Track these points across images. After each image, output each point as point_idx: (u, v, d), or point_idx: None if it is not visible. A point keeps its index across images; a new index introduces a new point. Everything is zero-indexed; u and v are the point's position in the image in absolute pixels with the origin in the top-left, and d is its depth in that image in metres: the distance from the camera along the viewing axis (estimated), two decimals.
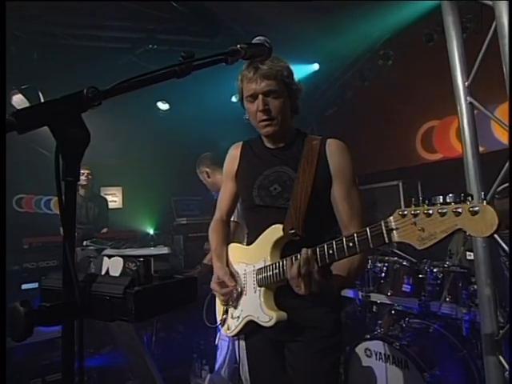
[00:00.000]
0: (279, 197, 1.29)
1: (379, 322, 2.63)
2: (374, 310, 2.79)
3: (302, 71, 4.23)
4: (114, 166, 5.30)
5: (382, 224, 0.86)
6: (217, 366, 2.49)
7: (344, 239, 0.97)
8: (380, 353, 2.32)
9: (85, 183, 4.03)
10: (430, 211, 0.75)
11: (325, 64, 4.35)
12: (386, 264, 2.68)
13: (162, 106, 4.76)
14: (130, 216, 5.51)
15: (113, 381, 2.91)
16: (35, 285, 2.92)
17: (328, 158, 1.27)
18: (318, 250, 1.04)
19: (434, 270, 2.45)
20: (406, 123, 4.17)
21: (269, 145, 1.39)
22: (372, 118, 4.38)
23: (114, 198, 5.93)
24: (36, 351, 2.75)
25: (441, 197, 0.75)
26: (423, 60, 3.77)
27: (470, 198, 0.72)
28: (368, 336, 2.38)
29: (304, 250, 1.05)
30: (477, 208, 0.70)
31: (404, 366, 2.14)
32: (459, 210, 0.71)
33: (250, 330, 1.32)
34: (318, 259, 1.03)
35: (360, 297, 2.73)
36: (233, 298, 1.34)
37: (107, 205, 4.44)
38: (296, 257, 1.09)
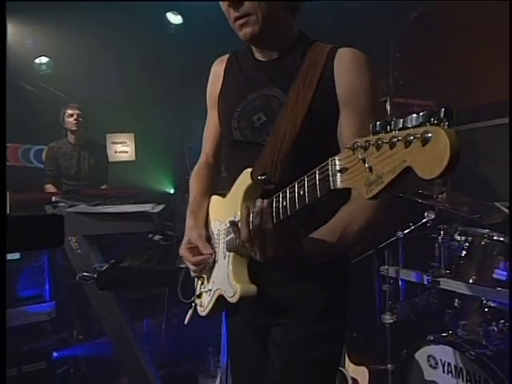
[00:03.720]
0: (263, 130, 1.28)
1: (462, 322, 2.49)
2: (455, 304, 2.65)
3: None
4: (121, 105, 5.48)
5: (329, 163, 0.83)
6: (223, 362, 2.58)
7: (296, 185, 0.94)
8: (449, 364, 2.26)
9: (75, 128, 4.18)
10: (380, 141, 0.70)
11: None
12: (470, 238, 2.52)
13: (174, 18, 4.74)
14: (145, 171, 5.75)
15: (104, 375, 3.16)
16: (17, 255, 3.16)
17: (335, 75, 1.21)
18: (274, 200, 1.02)
19: None
20: None
21: (258, 56, 1.36)
22: (480, 23, 3.93)
23: (125, 148, 6.22)
24: (13, 336, 3.04)
25: (411, 117, 0.67)
26: None
27: (435, 117, 0.63)
28: (431, 338, 2.31)
29: (258, 201, 1.03)
30: (429, 134, 0.62)
31: None
32: (410, 138, 0.65)
33: (227, 308, 1.39)
34: (274, 214, 1.00)
35: (425, 282, 2.64)
36: (206, 270, 1.38)
37: (106, 155, 4.64)
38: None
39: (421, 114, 0.66)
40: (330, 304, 1.28)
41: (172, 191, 5.96)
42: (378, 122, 0.72)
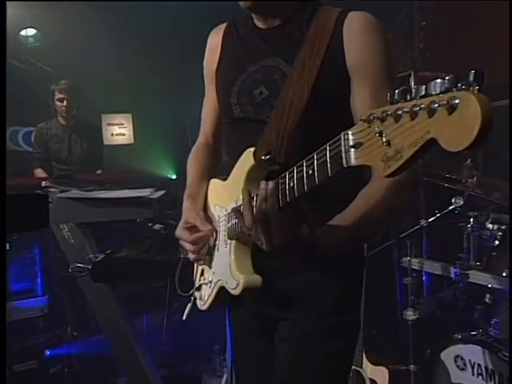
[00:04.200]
0: (265, 105, 1.29)
1: (494, 320, 2.47)
2: (486, 300, 2.64)
3: None
4: (117, 83, 5.48)
5: (342, 137, 0.81)
6: (229, 360, 2.60)
7: (304, 163, 0.93)
8: (479, 365, 2.26)
9: (64, 109, 4.17)
10: (400, 111, 0.67)
11: None
12: (504, 227, 2.48)
13: None
14: (144, 155, 5.76)
15: (101, 374, 3.20)
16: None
17: (345, 42, 1.21)
18: (280, 182, 1.01)
19: None
20: None
21: (259, 23, 1.36)
22: None
23: (122, 130, 6.23)
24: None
25: (435, 82, 0.65)
26: None
27: (463, 82, 0.61)
28: (459, 336, 2.31)
29: (263, 183, 1.03)
30: (456, 100, 0.60)
31: None
32: (434, 106, 0.63)
33: (230, 301, 1.39)
34: (280, 196, 0.99)
35: (452, 275, 2.62)
36: (205, 251, 1.39)
37: (101, 137, 4.65)
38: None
39: (446, 78, 0.63)
40: (342, 295, 1.28)
41: (174, 177, 5.98)
42: (396, 90, 0.70)
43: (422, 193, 3.01)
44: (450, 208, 2.65)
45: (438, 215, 2.74)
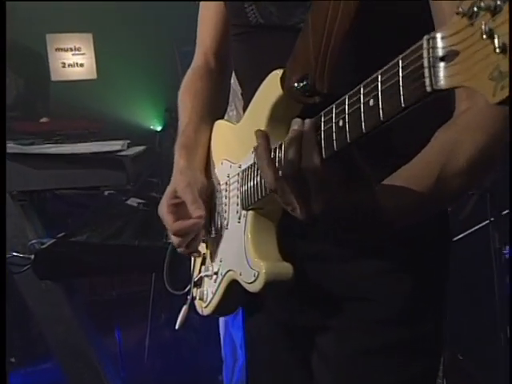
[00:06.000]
0: (296, 4, 1.28)
1: None
2: None
3: None
4: None
5: (424, 43, 0.77)
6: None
7: (362, 89, 0.90)
8: None
9: None
10: None
11: None
12: None
13: None
14: (113, 96, 5.86)
15: None
16: None
17: None
18: (322, 120, 0.99)
19: None
20: None
21: None
22: None
23: (79, 59, 6.25)
24: None
25: None
26: None
27: None
28: None
29: (296, 123, 1.02)
30: None
31: None
32: None
33: (245, 303, 1.46)
34: (323, 142, 0.97)
35: None
36: (197, 244, 1.42)
37: (48, 70, 4.71)
38: None
39: None
40: (415, 297, 1.27)
41: (158, 128, 6.08)
42: None
43: None
44: None
45: None
